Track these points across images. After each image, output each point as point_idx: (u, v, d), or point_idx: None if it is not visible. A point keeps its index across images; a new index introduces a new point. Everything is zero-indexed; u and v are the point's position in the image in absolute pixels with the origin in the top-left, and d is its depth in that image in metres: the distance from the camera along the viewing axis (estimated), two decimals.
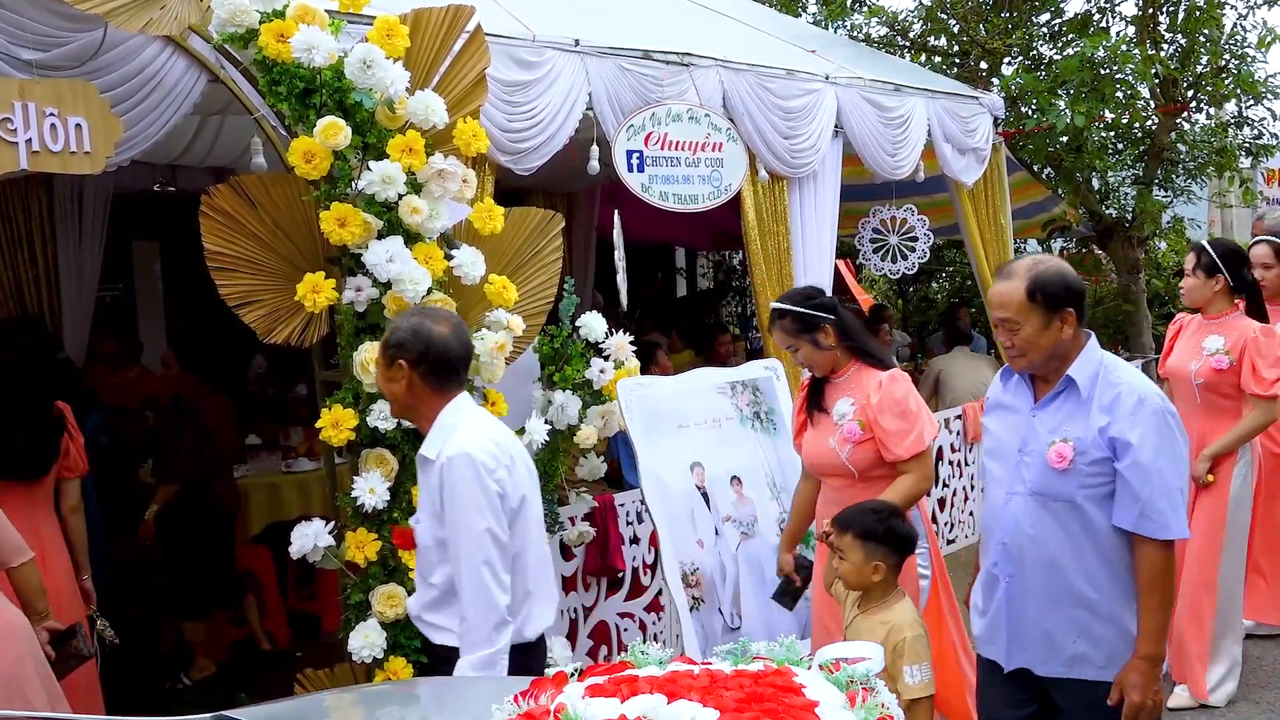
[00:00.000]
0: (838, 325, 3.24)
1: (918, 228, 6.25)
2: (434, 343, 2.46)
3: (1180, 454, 2.43)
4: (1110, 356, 2.52)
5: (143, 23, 2.82)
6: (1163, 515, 2.38)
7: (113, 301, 6.85)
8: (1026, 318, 2.44)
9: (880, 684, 1.37)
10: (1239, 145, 8.53)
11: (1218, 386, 4.10)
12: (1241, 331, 4.07)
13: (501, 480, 2.43)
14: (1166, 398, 2.44)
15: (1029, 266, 2.48)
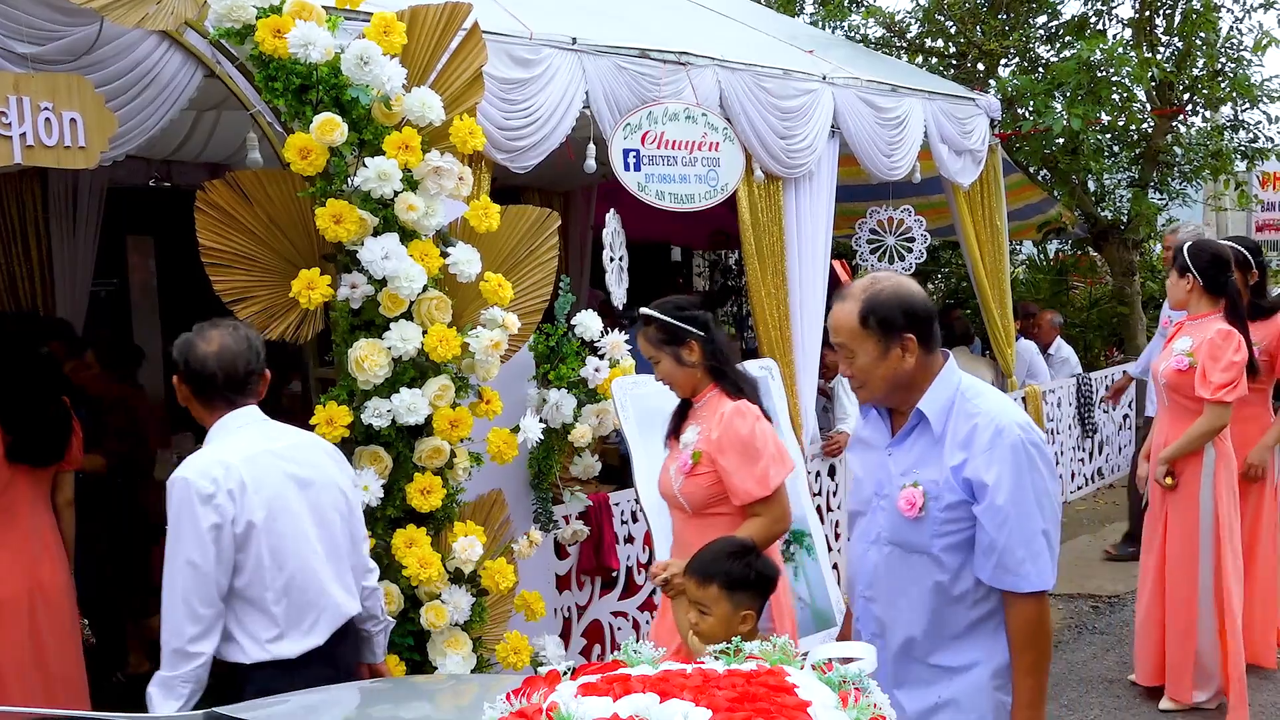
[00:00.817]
0: (705, 343, 2.97)
1: (914, 229, 6.26)
2: (192, 359, 2.52)
3: (1046, 491, 2.13)
4: (971, 382, 2.24)
5: (138, 17, 2.81)
6: (1020, 565, 2.10)
7: (107, 297, 6.83)
8: (860, 344, 2.19)
9: (872, 684, 1.37)
10: (1234, 149, 8.55)
11: (1180, 388, 4.10)
12: (1205, 334, 4.05)
13: (220, 506, 2.37)
14: (1031, 427, 2.16)
15: (864, 287, 2.22)
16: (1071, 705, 4.35)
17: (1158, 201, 8.71)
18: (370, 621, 2.79)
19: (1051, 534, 2.13)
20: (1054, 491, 2.17)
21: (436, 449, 3.19)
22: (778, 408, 4.26)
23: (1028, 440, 2.12)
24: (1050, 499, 2.14)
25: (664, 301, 3.07)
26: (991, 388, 2.27)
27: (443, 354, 3.12)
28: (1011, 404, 2.26)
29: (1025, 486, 2.09)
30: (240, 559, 2.41)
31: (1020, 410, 2.23)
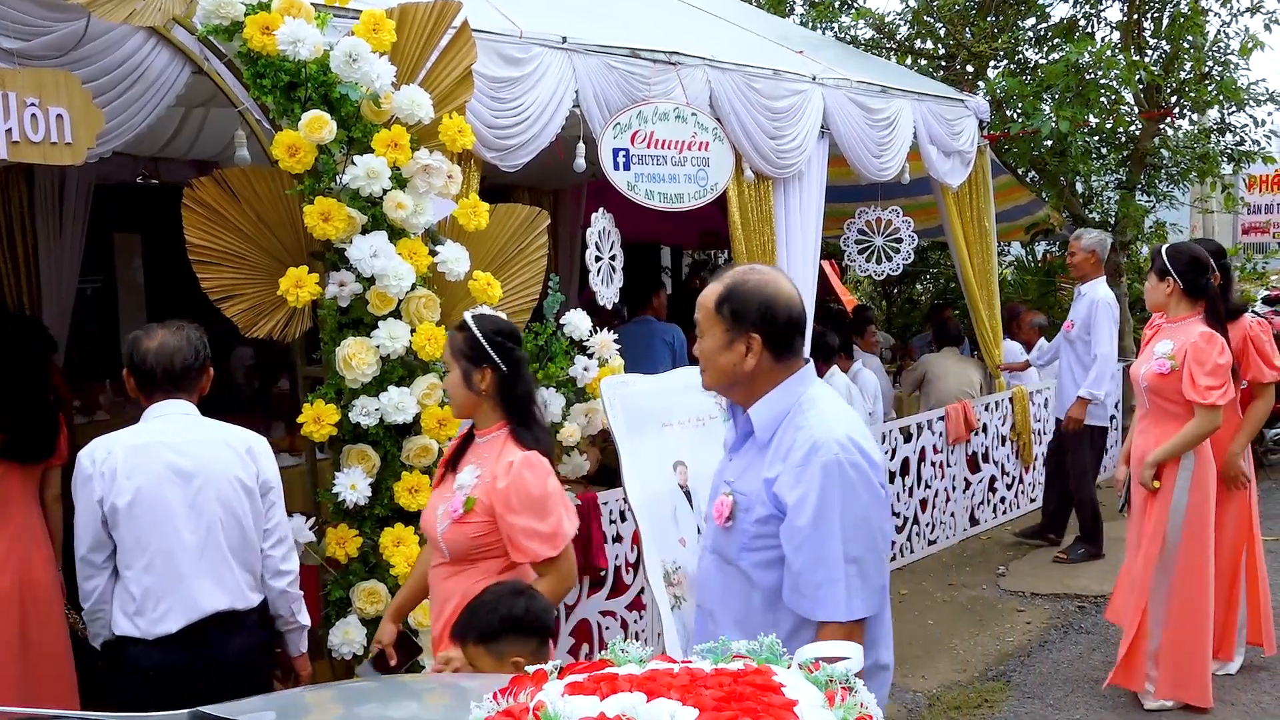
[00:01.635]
0: (504, 379, 2.68)
1: (903, 229, 6.28)
2: (136, 354, 2.76)
3: (861, 516, 1.96)
4: (818, 395, 2.08)
5: (126, 13, 2.80)
6: (816, 591, 1.95)
7: (93, 294, 6.80)
8: (710, 327, 2.09)
9: (859, 683, 1.37)
10: (1221, 151, 8.60)
11: (1161, 391, 4.09)
12: (1187, 337, 4.03)
13: (93, 486, 2.63)
14: (853, 447, 1.99)
15: (735, 274, 2.11)
16: (1057, 704, 4.37)
17: (1145, 204, 8.75)
18: (278, 620, 2.86)
19: (865, 562, 1.96)
20: (874, 517, 1.99)
21: (425, 447, 3.18)
22: None
23: (845, 460, 1.96)
24: (867, 525, 1.97)
25: (489, 317, 2.78)
26: (835, 403, 2.09)
27: (431, 352, 3.12)
28: (845, 421, 2.04)
29: (832, 509, 1.94)
30: (113, 535, 2.65)
31: (854, 428, 2.03)
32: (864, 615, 1.97)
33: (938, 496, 6.60)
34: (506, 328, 2.75)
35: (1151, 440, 4.16)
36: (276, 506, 2.84)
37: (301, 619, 2.91)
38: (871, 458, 2.00)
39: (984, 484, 6.96)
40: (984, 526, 6.90)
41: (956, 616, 5.47)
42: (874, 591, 1.98)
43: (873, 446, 2.03)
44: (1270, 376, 4.31)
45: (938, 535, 6.62)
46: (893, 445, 6.24)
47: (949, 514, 6.71)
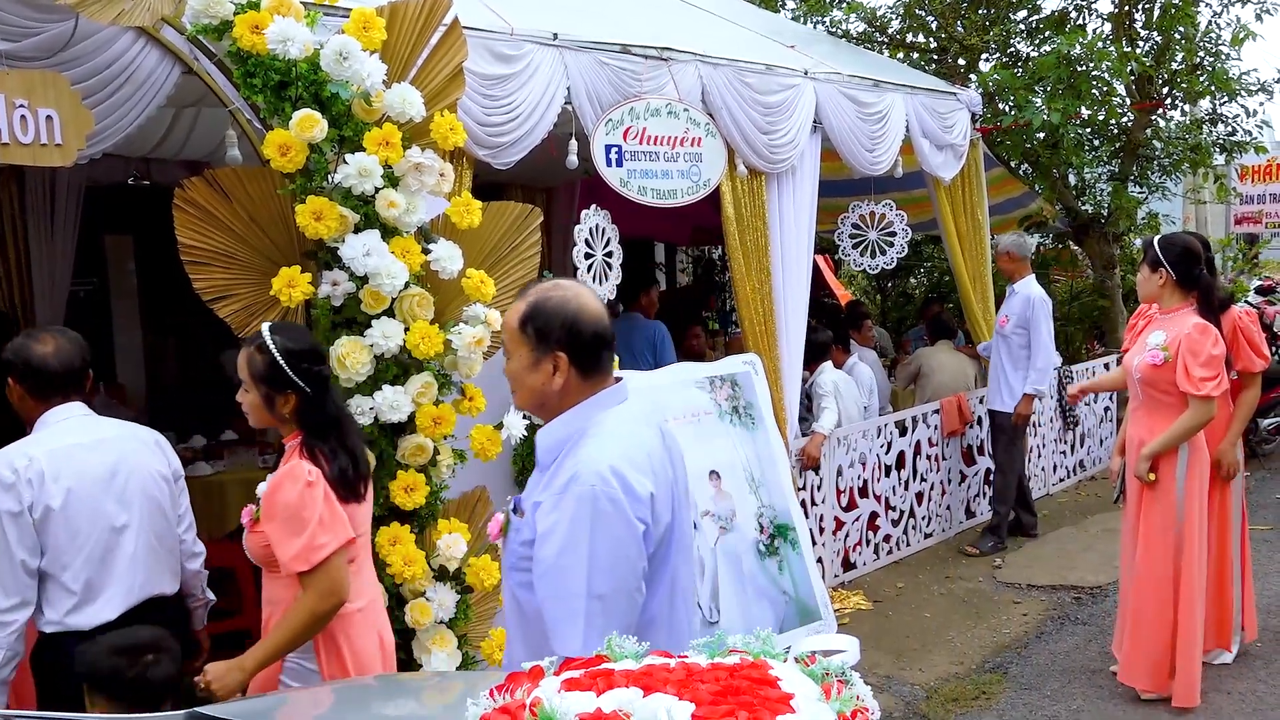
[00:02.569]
0: (307, 401, 2.59)
1: (896, 223, 6.28)
2: (33, 359, 2.78)
3: (610, 552, 1.87)
4: (611, 419, 2.00)
5: (114, 14, 2.79)
6: (556, 625, 1.87)
7: (86, 296, 6.78)
8: (515, 348, 2.03)
9: (855, 676, 1.37)
10: (1213, 142, 8.62)
11: (1155, 382, 4.10)
12: (1180, 328, 4.05)
13: (20, 494, 2.66)
14: (616, 479, 1.88)
15: (538, 291, 2.04)
16: (1055, 696, 4.38)
17: (1138, 195, 8.76)
18: (190, 598, 3.12)
19: (610, 602, 1.86)
20: (630, 555, 1.89)
21: (420, 446, 3.18)
22: (762, 402, 4.28)
23: (602, 493, 1.86)
24: (617, 562, 1.87)
25: (290, 334, 2.67)
26: (623, 429, 2.00)
27: (425, 351, 3.12)
28: (621, 452, 1.93)
29: (579, 542, 1.85)
30: (43, 540, 2.70)
31: (628, 458, 1.93)
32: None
33: (933, 489, 6.61)
34: (307, 347, 2.64)
35: (1144, 430, 4.18)
36: (184, 494, 3.04)
37: (209, 595, 3.18)
38: (636, 492, 1.90)
39: (979, 477, 6.97)
40: (980, 519, 6.91)
41: (953, 609, 5.48)
42: (621, 631, 1.86)
43: (642, 480, 1.92)
44: (1260, 365, 4.34)
45: (934, 528, 6.64)
46: (888, 439, 6.25)
47: (945, 507, 6.72)
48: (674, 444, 2.13)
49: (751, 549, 3.99)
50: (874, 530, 6.17)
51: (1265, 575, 5.46)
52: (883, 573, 6.09)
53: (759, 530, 4.04)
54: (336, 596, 2.56)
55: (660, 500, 1.96)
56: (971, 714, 4.30)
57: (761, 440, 4.19)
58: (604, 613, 1.86)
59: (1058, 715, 4.22)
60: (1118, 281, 9.07)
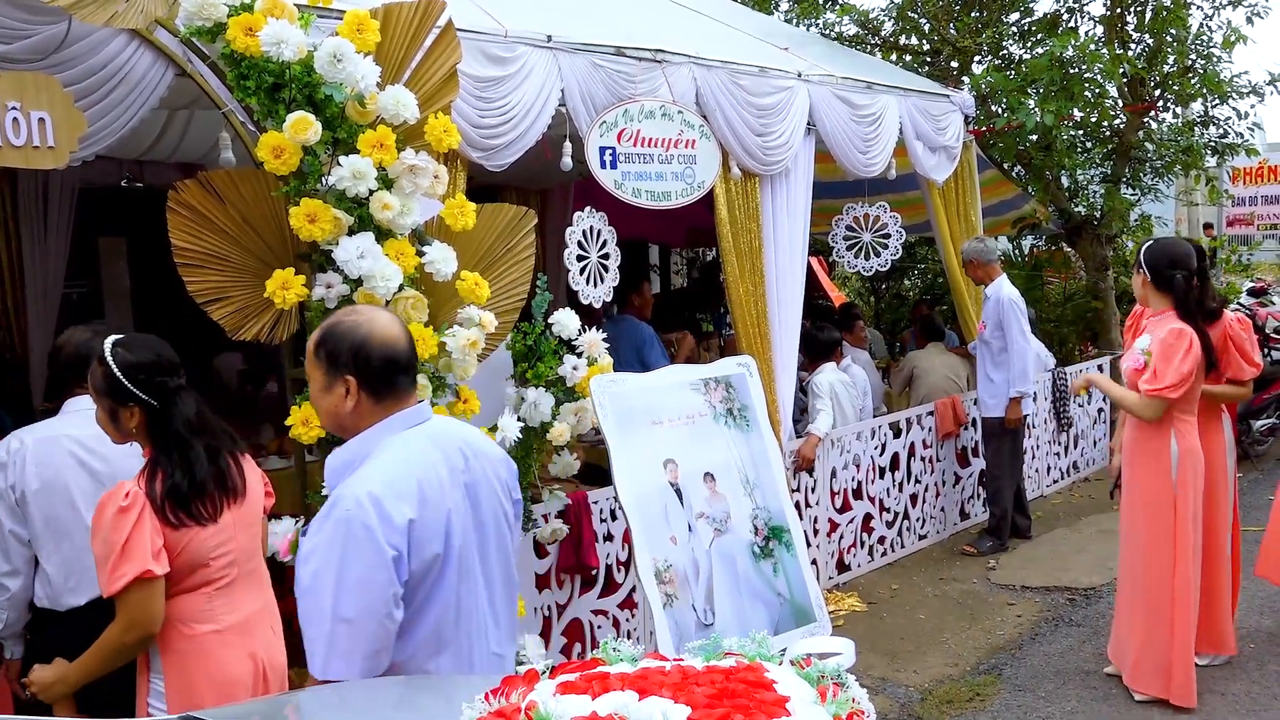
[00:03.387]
0: (154, 415, 2.56)
1: (890, 225, 6.29)
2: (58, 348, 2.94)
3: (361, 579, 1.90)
4: (396, 445, 2.04)
5: (107, 16, 2.78)
6: (312, 645, 1.92)
7: (79, 299, 6.76)
8: (312, 371, 2.08)
9: (851, 679, 1.38)
10: (1205, 144, 8.65)
11: (1137, 386, 4.13)
12: (1159, 332, 4.11)
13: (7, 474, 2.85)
14: (373, 506, 1.92)
15: (334, 316, 2.12)
16: (1049, 697, 4.38)
17: (1130, 197, 8.79)
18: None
19: (357, 625, 1.91)
20: (379, 581, 1.91)
21: None
22: (756, 404, 4.28)
23: (356, 519, 1.91)
24: (367, 587, 1.90)
25: (136, 346, 2.63)
26: (400, 458, 2.02)
27: (420, 353, 3.11)
28: (386, 480, 1.97)
29: (331, 566, 1.90)
30: (28, 521, 2.86)
31: (392, 485, 1.96)
32: (343, 677, 1.93)
33: (928, 491, 6.62)
34: (151, 359, 2.59)
35: (1134, 429, 4.24)
36: None
37: None
38: (392, 520, 1.93)
39: (973, 478, 6.98)
40: (974, 520, 6.92)
41: (947, 610, 5.49)
42: (366, 656, 1.93)
43: (401, 508, 1.95)
44: (1250, 373, 4.36)
45: (928, 530, 6.65)
46: (882, 440, 6.26)
47: (939, 508, 6.73)
48: (478, 471, 2.16)
49: (746, 551, 3.98)
50: (868, 532, 6.17)
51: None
52: (877, 574, 6.09)
53: (754, 532, 4.04)
54: (139, 629, 2.51)
55: (427, 528, 1.99)
56: (966, 716, 4.30)
57: (756, 442, 4.19)
58: (349, 635, 1.91)
59: (1052, 717, 4.22)
60: (1110, 283, 9.09)
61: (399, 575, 1.94)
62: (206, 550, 2.62)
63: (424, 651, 2.03)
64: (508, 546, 2.26)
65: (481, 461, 2.19)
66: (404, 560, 1.95)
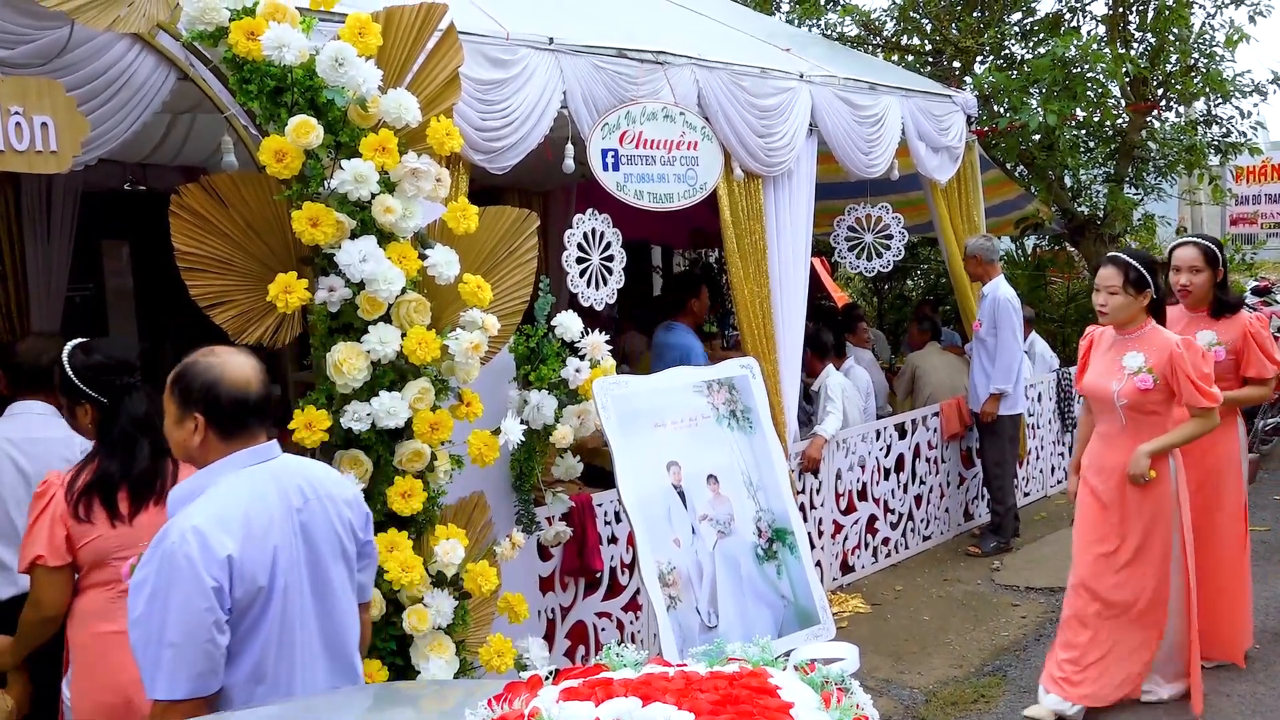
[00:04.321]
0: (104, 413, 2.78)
1: (893, 226, 6.28)
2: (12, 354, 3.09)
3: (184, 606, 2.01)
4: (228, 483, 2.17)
5: (110, 20, 2.78)
6: (142, 669, 2.06)
7: (82, 302, 6.77)
8: (167, 405, 2.24)
9: (855, 684, 1.37)
10: (1208, 143, 8.63)
11: (1143, 406, 3.93)
12: (1162, 347, 3.91)
13: None
14: (196, 538, 2.04)
15: (194, 354, 2.25)
16: None
17: (1133, 196, 8.77)
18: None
19: (182, 650, 2.02)
20: (199, 608, 2.02)
21: (417, 452, 3.17)
22: (759, 406, 4.27)
23: (180, 550, 2.03)
24: (188, 614, 2.01)
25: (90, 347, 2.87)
26: (233, 494, 2.15)
27: (422, 356, 3.11)
28: (213, 514, 2.09)
29: (159, 594, 2.02)
30: None
31: (218, 519, 2.09)
32: (169, 697, 2.04)
33: (932, 492, 6.62)
34: (104, 360, 2.79)
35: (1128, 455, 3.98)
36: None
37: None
38: (213, 553, 2.04)
39: (978, 479, 6.97)
40: (979, 521, 6.91)
41: (951, 612, 5.48)
42: (191, 678, 2.04)
43: (224, 541, 2.06)
44: (1272, 371, 4.31)
45: (932, 530, 6.64)
46: (888, 441, 6.26)
47: (943, 509, 6.72)
48: (318, 510, 2.27)
49: (750, 553, 3.98)
50: (872, 533, 6.17)
51: (1264, 576, 5.46)
52: (881, 576, 6.08)
53: (757, 534, 4.03)
54: (38, 610, 2.78)
55: (250, 561, 2.10)
56: (970, 717, 4.29)
57: (759, 444, 4.19)
58: (175, 659, 2.02)
59: None
60: None
61: (221, 604, 2.06)
62: (109, 549, 2.79)
63: (244, 680, 2.14)
64: (347, 584, 2.35)
65: (324, 501, 2.29)
66: (225, 591, 2.07)
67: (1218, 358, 4.15)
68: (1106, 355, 4.08)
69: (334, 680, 2.33)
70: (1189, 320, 4.43)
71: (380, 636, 3.17)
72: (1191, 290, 4.35)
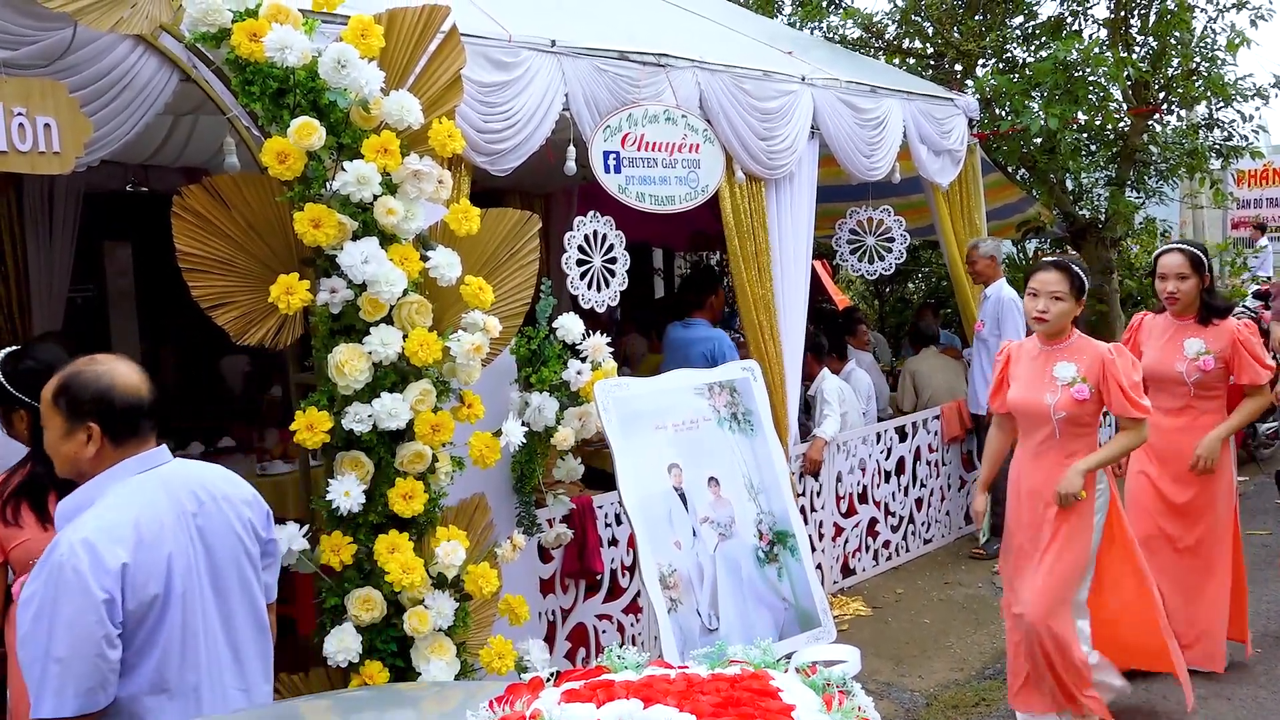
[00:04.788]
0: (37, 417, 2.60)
1: (894, 229, 6.29)
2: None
3: (70, 619, 1.99)
4: (119, 491, 2.16)
5: (113, 21, 2.79)
6: (33, 684, 2.01)
7: (84, 303, 6.77)
8: (50, 419, 2.20)
9: (857, 687, 1.37)
10: (1209, 147, 8.63)
11: (1079, 418, 3.75)
12: (1094, 354, 3.74)
13: None
14: (86, 551, 2.02)
15: (72, 365, 2.21)
16: None
17: (1135, 200, 8.77)
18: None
19: (69, 665, 1.99)
20: (88, 622, 2.00)
21: (418, 454, 3.17)
22: (760, 409, 4.27)
23: (68, 563, 2.01)
24: (75, 628, 1.99)
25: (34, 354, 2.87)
26: (122, 503, 2.14)
27: (424, 358, 3.11)
28: (103, 525, 2.08)
29: (46, 609, 2.00)
30: None
31: (111, 532, 2.07)
32: (56, 714, 2.00)
33: (933, 495, 6.61)
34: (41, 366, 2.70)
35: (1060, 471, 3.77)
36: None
37: None
38: (104, 564, 2.03)
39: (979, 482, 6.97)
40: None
41: (953, 615, 5.48)
42: (78, 694, 2.01)
43: (115, 551, 2.05)
44: (1265, 376, 4.26)
45: (933, 534, 6.63)
46: (888, 445, 6.26)
47: (944, 512, 6.72)
48: (214, 513, 2.27)
49: (751, 555, 3.98)
50: (873, 536, 6.16)
51: (1265, 581, 5.45)
52: (882, 579, 6.08)
53: (758, 537, 4.03)
54: None
55: (143, 570, 2.09)
56: None
57: (760, 447, 4.19)
58: (61, 674, 1.99)
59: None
60: (1115, 286, 9.08)
61: (112, 617, 2.04)
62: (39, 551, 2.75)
63: (146, 690, 2.13)
64: (252, 585, 2.36)
65: (220, 504, 2.29)
66: (117, 603, 2.05)
67: (1206, 366, 4.13)
68: (1031, 368, 3.85)
69: (244, 683, 2.32)
70: (1176, 328, 4.35)
71: (381, 638, 3.17)
72: (1179, 297, 4.29)
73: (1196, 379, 4.29)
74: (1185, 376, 4.30)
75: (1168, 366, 4.33)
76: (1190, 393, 4.32)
